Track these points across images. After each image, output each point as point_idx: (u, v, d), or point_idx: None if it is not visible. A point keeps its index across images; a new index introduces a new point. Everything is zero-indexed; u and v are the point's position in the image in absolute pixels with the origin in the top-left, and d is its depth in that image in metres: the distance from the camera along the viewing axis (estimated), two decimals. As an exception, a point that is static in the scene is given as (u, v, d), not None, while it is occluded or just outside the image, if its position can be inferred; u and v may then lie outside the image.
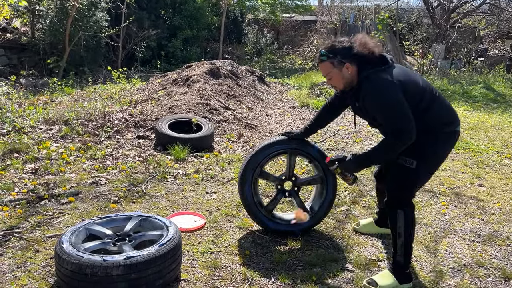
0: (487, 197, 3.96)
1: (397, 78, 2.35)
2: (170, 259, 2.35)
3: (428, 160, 2.47)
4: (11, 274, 2.48)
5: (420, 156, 2.43)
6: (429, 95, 2.45)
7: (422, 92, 2.43)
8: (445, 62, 12.73)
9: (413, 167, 2.44)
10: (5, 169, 4.08)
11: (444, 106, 2.50)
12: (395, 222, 2.52)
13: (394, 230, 2.53)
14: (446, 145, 2.52)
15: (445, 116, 2.49)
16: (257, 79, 8.92)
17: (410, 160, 2.43)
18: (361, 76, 2.42)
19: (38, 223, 3.10)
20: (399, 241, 2.51)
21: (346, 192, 3.97)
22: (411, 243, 2.54)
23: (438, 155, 2.52)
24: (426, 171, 2.53)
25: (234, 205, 3.59)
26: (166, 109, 6.12)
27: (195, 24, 14.13)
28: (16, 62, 10.52)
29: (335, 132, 6.14)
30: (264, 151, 3.02)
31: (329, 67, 2.47)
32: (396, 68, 2.44)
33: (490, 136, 6.20)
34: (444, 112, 2.50)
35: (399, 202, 2.52)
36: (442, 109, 2.49)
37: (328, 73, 2.50)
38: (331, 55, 2.44)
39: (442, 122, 2.47)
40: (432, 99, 2.45)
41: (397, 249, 2.53)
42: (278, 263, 2.74)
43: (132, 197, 3.65)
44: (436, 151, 2.48)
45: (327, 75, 2.52)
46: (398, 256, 2.53)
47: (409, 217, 2.51)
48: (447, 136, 2.50)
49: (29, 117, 5.56)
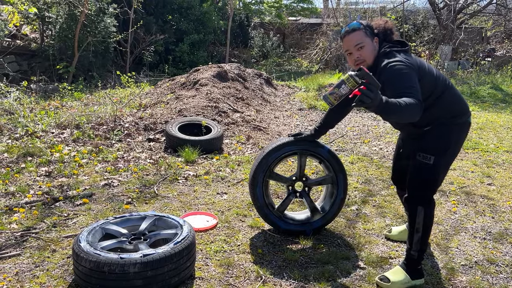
0: (497, 196, 3.97)
1: (414, 61, 2.36)
2: (185, 257, 2.40)
3: (445, 153, 2.47)
4: (30, 273, 2.54)
5: (436, 150, 2.43)
6: (442, 83, 2.45)
7: (436, 79, 2.43)
8: (452, 63, 12.71)
9: (431, 163, 2.43)
10: (19, 172, 4.16)
11: (456, 96, 2.50)
12: (414, 218, 2.51)
13: (412, 226, 2.53)
14: (460, 136, 2.52)
15: (457, 106, 2.49)
16: (264, 81, 8.98)
17: (428, 156, 2.44)
18: (379, 52, 2.42)
19: (54, 224, 3.16)
20: (416, 236, 2.52)
21: (356, 192, 3.99)
22: (427, 240, 2.55)
23: (453, 147, 2.50)
24: (445, 165, 2.52)
25: (245, 205, 3.63)
26: (175, 112, 6.19)
27: (201, 29, 14.25)
28: (26, 68, 10.68)
29: (343, 133, 6.17)
30: (274, 153, 3.04)
31: (362, 36, 2.41)
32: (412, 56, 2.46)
33: (499, 135, 6.19)
34: (457, 102, 2.50)
35: (420, 199, 2.51)
36: (455, 99, 2.49)
37: (360, 42, 2.40)
38: (366, 26, 2.46)
39: (454, 112, 2.47)
40: (445, 87, 2.45)
41: (412, 244, 2.54)
42: (291, 261, 2.78)
43: (144, 198, 3.71)
44: (450, 142, 2.47)
45: (359, 43, 2.40)
46: (412, 251, 2.54)
47: (429, 214, 2.51)
48: (460, 127, 2.50)
49: (41, 122, 5.65)
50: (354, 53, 2.43)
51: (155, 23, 13.17)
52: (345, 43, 2.49)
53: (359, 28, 2.44)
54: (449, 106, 2.46)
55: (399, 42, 2.47)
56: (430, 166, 2.45)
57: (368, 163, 4.84)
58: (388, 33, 2.49)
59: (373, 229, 3.27)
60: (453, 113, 2.47)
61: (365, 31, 2.43)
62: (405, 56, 2.34)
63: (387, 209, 3.62)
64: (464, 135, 2.56)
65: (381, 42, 2.46)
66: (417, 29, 14.98)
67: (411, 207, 2.53)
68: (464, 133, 2.54)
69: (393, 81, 2.23)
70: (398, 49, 2.40)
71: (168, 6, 13.77)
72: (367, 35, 2.43)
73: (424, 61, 2.52)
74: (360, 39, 2.41)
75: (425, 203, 2.50)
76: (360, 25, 2.44)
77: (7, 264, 2.63)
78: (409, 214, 2.54)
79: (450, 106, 2.47)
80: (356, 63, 2.43)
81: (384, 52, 2.39)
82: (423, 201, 2.51)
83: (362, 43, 2.41)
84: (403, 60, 2.29)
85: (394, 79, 2.23)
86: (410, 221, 2.54)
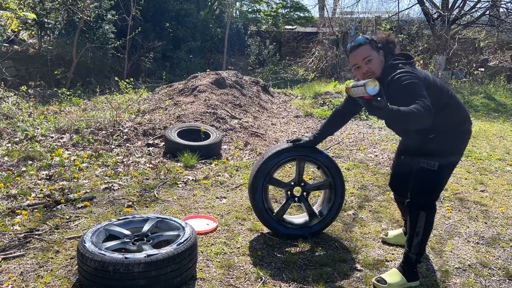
0: (490, 202, 4.06)
1: (420, 73, 2.46)
2: (187, 258, 2.46)
3: (449, 159, 2.55)
4: (34, 273, 2.58)
5: (441, 157, 2.51)
6: (446, 93, 2.55)
7: (440, 89, 2.53)
8: (446, 73, 12.90)
9: (436, 169, 2.50)
10: (20, 175, 4.20)
11: (459, 105, 2.60)
12: (415, 222, 2.57)
13: (412, 229, 2.59)
14: (462, 143, 2.61)
15: (461, 115, 2.59)
16: (261, 89, 9.08)
17: (432, 163, 2.51)
18: (386, 65, 2.51)
19: (56, 226, 3.21)
20: (415, 240, 2.58)
21: (352, 197, 4.07)
22: (425, 243, 2.62)
23: (456, 153, 2.60)
24: (448, 171, 2.60)
25: (244, 209, 3.70)
26: (174, 118, 6.26)
27: (199, 36, 14.37)
28: (24, 73, 10.71)
29: (340, 140, 6.26)
30: (273, 159, 3.10)
31: (369, 50, 2.51)
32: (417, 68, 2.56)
33: (492, 144, 6.32)
34: (460, 111, 2.59)
35: (423, 204, 2.58)
36: (458, 108, 2.58)
37: (368, 56, 2.50)
38: (371, 40, 2.55)
39: (458, 120, 2.56)
40: (449, 97, 2.55)
41: (411, 247, 2.60)
42: (289, 263, 2.84)
43: (145, 202, 3.76)
44: (454, 149, 2.57)
45: (366, 57, 2.50)
46: (411, 253, 2.61)
47: (430, 219, 2.58)
48: (463, 134, 2.60)
49: (40, 126, 5.69)
50: (363, 66, 2.52)
51: (153, 30, 13.27)
52: (352, 58, 2.56)
53: (365, 42, 2.53)
54: (453, 115, 2.55)
55: (403, 55, 2.56)
56: (434, 172, 2.51)
57: (364, 170, 4.93)
58: (391, 46, 2.58)
59: (370, 233, 3.35)
60: (456, 122, 2.55)
61: (371, 45, 2.52)
62: (411, 68, 2.44)
63: (383, 214, 3.70)
64: (466, 143, 2.65)
65: (387, 55, 2.56)
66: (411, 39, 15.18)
67: (413, 212, 2.59)
68: (466, 140, 2.63)
69: (401, 91, 2.32)
70: (403, 62, 2.49)
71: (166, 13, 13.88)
72: (373, 48, 2.52)
73: (428, 73, 2.61)
74: (367, 53, 2.50)
75: (428, 209, 2.57)
76: (366, 40, 2.54)
77: (12, 265, 2.67)
78: (411, 218, 2.60)
79: (453, 115, 2.55)
80: (365, 76, 2.51)
81: (391, 65, 2.48)
82: (426, 206, 2.58)
83: (370, 56, 2.50)
84: (409, 71, 2.38)
85: (402, 90, 2.32)
86: (411, 225, 2.59)
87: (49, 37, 11.11)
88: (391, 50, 2.57)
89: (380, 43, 2.58)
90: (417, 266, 2.65)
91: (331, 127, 3.10)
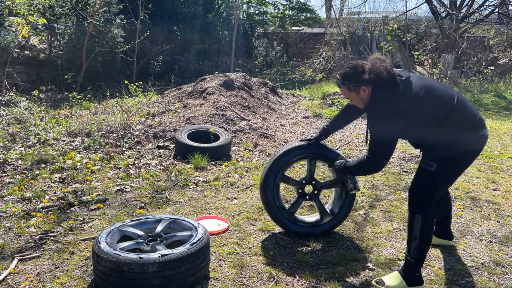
0: (502, 201, 4.04)
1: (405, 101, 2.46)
2: (200, 257, 2.48)
3: (448, 164, 2.53)
4: (50, 274, 2.63)
5: (440, 160, 2.50)
6: (447, 104, 2.49)
7: (436, 104, 2.49)
8: (455, 72, 12.81)
9: (433, 170, 2.50)
10: (34, 178, 4.27)
11: (465, 113, 2.55)
12: (412, 225, 2.56)
13: (410, 233, 2.58)
14: (467, 149, 2.55)
15: (465, 123, 2.53)
16: (270, 90, 9.10)
17: (431, 163, 2.52)
18: (370, 100, 2.56)
19: (71, 227, 3.26)
20: (413, 244, 2.56)
21: (363, 197, 4.07)
22: (425, 248, 2.57)
23: (457, 160, 2.55)
24: (447, 175, 2.58)
25: (255, 209, 3.72)
26: (183, 120, 6.30)
27: (206, 39, 14.44)
28: (35, 78, 10.85)
29: (349, 141, 6.26)
30: (285, 156, 3.15)
31: (346, 91, 2.66)
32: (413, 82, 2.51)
33: (503, 142, 6.27)
34: (465, 119, 2.54)
35: (419, 205, 2.56)
36: (462, 116, 2.53)
37: (347, 96, 2.71)
38: (346, 82, 2.61)
39: (461, 128, 2.51)
40: (451, 108, 2.49)
41: (410, 251, 2.58)
42: (302, 262, 2.86)
43: (157, 203, 3.80)
44: (455, 156, 2.52)
45: (347, 97, 2.73)
46: (410, 258, 2.57)
47: (426, 222, 2.54)
48: (468, 141, 2.53)
49: (52, 130, 5.77)
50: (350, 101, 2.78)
51: (161, 33, 13.36)
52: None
53: (341, 86, 2.66)
54: (456, 124, 2.50)
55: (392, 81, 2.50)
56: (431, 172, 2.52)
57: (374, 169, 4.92)
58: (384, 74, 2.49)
59: (381, 232, 3.35)
60: (460, 128, 2.50)
61: (347, 87, 2.62)
62: (395, 99, 2.47)
63: (394, 214, 3.70)
64: (474, 149, 2.59)
65: (377, 88, 2.51)
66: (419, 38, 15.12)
67: (409, 214, 2.60)
68: (473, 146, 2.57)
69: (371, 126, 2.60)
70: (389, 93, 2.48)
71: (173, 17, 13.97)
72: (350, 90, 2.62)
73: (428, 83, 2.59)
74: (345, 95, 2.72)
75: (423, 211, 2.54)
76: (341, 85, 2.64)
77: (28, 266, 2.72)
78: (408, 222, 2.61)
79: (457, 123, 2.51)
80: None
81: (375, 99, 2.54)
82: (421, 208, 2.55)
83: (348, 97, 2.71)
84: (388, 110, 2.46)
85: (372, 125, 2.59)
86: (408, 229, 2.60)
87: (59, 42, 11.23)
88: (378, 80, 2.50)
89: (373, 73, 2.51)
90: (420, 271, 2.59)
91: (341, 121, 3.19)
